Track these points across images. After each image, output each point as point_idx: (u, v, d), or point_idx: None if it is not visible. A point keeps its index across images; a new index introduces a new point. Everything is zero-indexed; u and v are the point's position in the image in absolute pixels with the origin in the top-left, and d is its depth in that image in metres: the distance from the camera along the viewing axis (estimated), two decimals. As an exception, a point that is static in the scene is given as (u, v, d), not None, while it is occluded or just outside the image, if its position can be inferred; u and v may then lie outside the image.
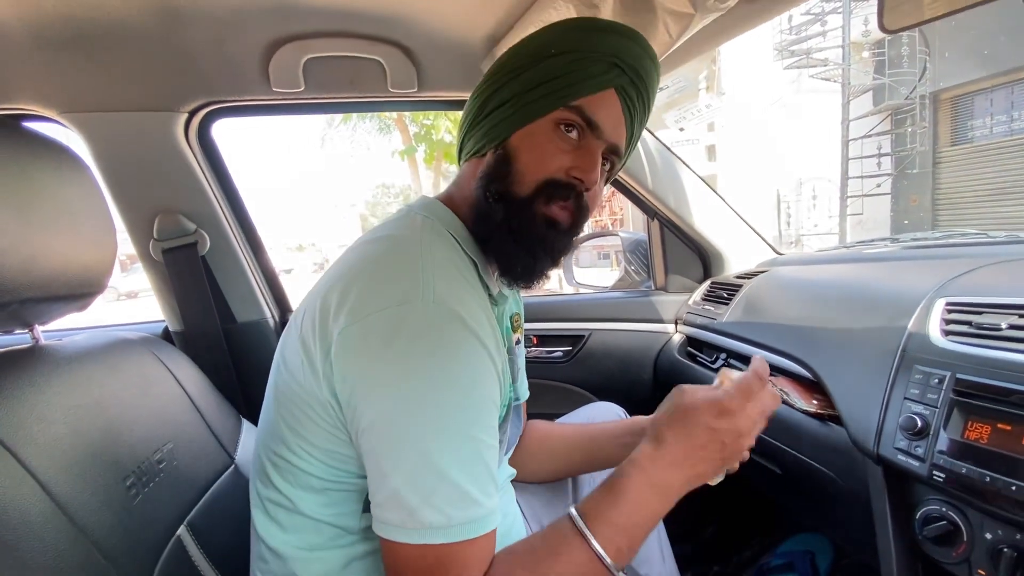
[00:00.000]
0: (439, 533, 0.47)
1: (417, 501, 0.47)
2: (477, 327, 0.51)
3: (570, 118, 0.57)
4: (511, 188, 0.58)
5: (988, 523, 0.55)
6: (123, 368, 0.72)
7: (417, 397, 0.48)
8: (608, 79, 0.57)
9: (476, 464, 0.49)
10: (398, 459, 0.48)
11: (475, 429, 0.49)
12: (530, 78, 0.58)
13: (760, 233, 1.39)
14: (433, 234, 0.58)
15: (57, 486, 0.51)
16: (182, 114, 1.05)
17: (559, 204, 0.58)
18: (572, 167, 0.57)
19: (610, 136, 0.59)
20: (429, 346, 0.49)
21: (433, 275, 0.52)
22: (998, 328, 0.61)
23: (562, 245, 0.61)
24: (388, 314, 0.49)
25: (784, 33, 8.52)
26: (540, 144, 0.58)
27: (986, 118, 7.05)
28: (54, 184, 0.60)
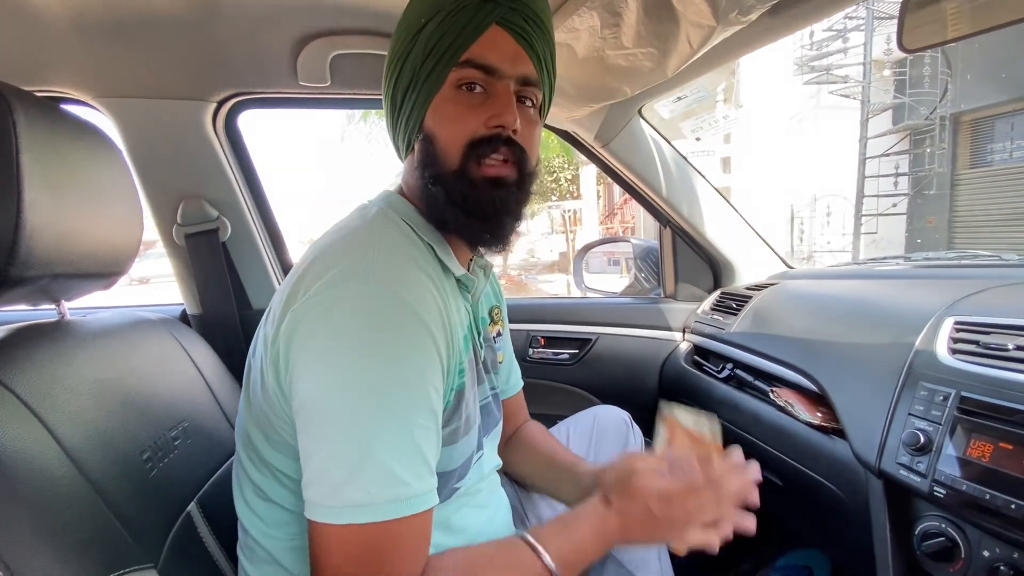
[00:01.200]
0: (361, 511, 0.46)
1: (341, 478, 0.46)
2: (418, 307, 0.51)
3: (466, 74, 0.56)
4: (441, 166, 0.57)
5: (986, 541, 0.56)
6: (144, 346, 0.74)
7: (345, 372, 0.47)
8: (483, 17, 0.55)
9: (404, 444, 0.48)
10: (324, 434, 0.47)
11: (406, 409, 0.48)
12: (417, 55, 0.56)
13: (771, 245, 1.40)
14: (385, 222, 0.59)
15: (80, 454, 0.53)
16: (211, 103, 1.08)
17: (492, 159, 0.57)
18: (489, 117, 0.56)
19: (512, 71, 0.57)
20: (362, 323, 0.49)
21: (375, 258, 0.53)
22: (1005, 349, 0.61)
23: (516, 199, 0.60)
24: (326, 295, 0.50)
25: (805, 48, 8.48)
26: (449, 112, 0.57)
27: (1006, 142, 6.96)
28: (88, 166, 0.62)
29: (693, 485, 0.59)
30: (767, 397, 0.95)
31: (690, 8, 0.70)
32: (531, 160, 0.60)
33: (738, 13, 0.68)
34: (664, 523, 0.58)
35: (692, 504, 0.58)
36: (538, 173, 0.64)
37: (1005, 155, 6.98)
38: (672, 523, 0.58)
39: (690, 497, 0.59)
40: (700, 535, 0.59)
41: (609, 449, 0.95)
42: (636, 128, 1.23)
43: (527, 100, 0.60)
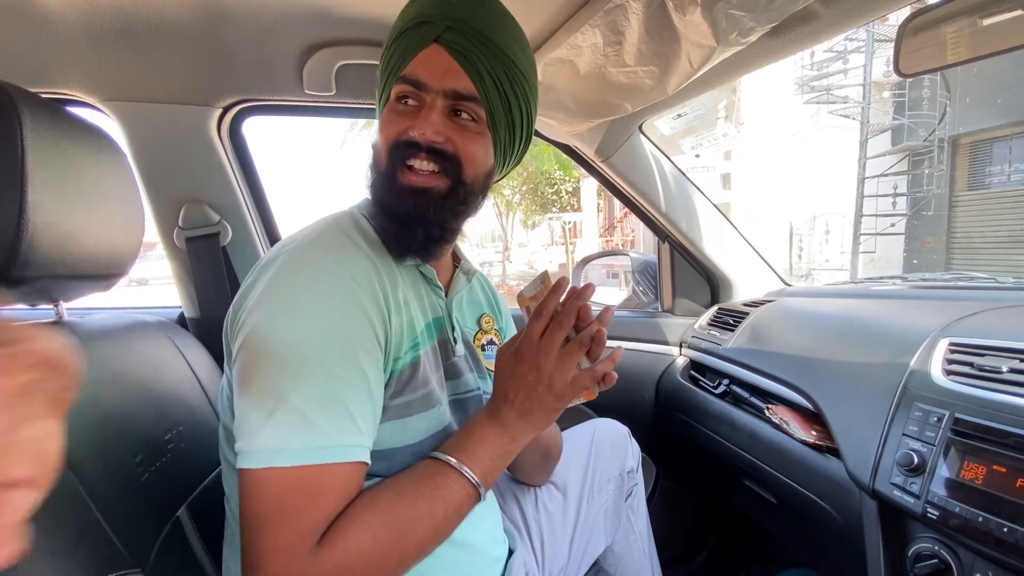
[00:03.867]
0: (276, 455, 0.47)
1: (258, 423, 0.48)
2: (348, 272, 0.55)
3: (400, 89, 0.60)
4: (377, 168, 0.63)
5: (979, 563, 0.56)
6: (140, 349, 0.74)
7: (271, 322, 0.51)
8: (419, 37, 0.59)
9: (324, 394, 0.50)
10: (248, 381, 0.50)
11: (328, 360, 0.51)
12: (380, 75, 0.64)
13: (769, 262, 1.40)
14: (342, 216, 0.64)
15: (72, 455, 0.52)
16: (217, 109, 1.09)
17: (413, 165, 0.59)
18: (411, 127, 0.59)
19: (439, 84, 0.59)
20: (292, 280, 0.54)
21: (319, 237, 0.59)
22: (999, 371, 0.61)
23: (440, 208, 0.60)
24: (262, 264, 0.57)
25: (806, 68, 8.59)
26: (386, 121, 0.62)
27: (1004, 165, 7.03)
28: (92, 168, 0.62)
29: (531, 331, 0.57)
30: (763, 414, 0.95)
31: (691, 29, 0.72)
32: (469, 170, 0.61)
33: (738, 35, 0.69)
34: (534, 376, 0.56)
35: (544, 344, 0.56)
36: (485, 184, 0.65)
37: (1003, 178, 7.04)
38: (541, 372, 0.56)
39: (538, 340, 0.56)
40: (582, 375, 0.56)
41: (607, 461, 0.94)
42: (636, 144, 1.25)
43: (463, 113, 0.61)
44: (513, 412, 0.58)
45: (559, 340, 0.56)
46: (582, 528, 0.90)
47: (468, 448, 0.57)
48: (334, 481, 0.50)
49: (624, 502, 0.97)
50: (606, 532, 0.93)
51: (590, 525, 0.91)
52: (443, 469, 0.56)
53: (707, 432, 1.11)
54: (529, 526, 0.86)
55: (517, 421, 0.58)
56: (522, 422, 0.58)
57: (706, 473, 1.30)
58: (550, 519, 0.88)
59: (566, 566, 0.87)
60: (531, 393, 0.56)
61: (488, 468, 0.57)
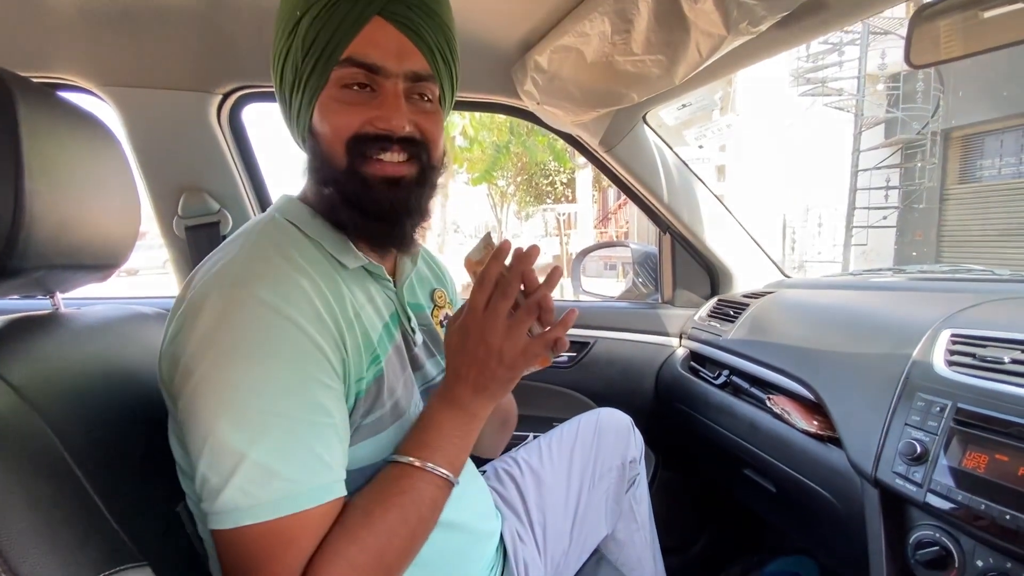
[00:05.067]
0: (245, 514, 0.45)
1: (218, 484, 0.45)
2: (283, 304, 0.49)
3: (348, 74, 0.53)
4: (329, 167, 0.55)
5: (980, 550, 0.57)
6: (139, 341, 0.73)
7: (208, 380, 0.47)
8: (362, 9, 0.51)
9: (287, 443, 0.47)
10: (199, 444, 0.46)
11: (285, 408, 0.47)
12: (295, 52, 0.53)
13: (769, 255, 1.41)
14: (265, 226, 0.58)
15: (78, 449, 0.52)
16: (216, 96, 1.07)
17: (386, 156, 0.55)
18: (373, 117, 0.54)
19: (399, 67, 0.53)
20: (225, 328, 0.48)
21: (239, 261, 0.52)
22: (1001, 362, 0.62)
23: (416, 196, 0.58)
24: (185, 309, 0.50)
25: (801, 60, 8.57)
26: (333, 112, 0.54)
27: (995, 159, 7.09)
28: (87, 155, 0.61)
29: (474, 302, 0.54)
30: (763, 404, 0.96)
31: (701, 17, 0.71)
32: (434, 153, 0.59)
33: (748, 24, 0.68)
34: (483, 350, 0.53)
35: (488, 316, 0.53)
36: (446, 164, 0.61)
37: (994, 171, 7.11)
38: (490, 345, 0.53)
39: (483, 312, 0.53)
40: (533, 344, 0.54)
41: (610, 450, 0.95)
42: (640, 134, 1.24)
43: (422, 95, 0.57)
44: (467, 390, 0.55)
45: (504, 309, 0.53)
46: (583, 514, 0.90)
47: (428, 441, 0.55)
48: (309, 523, 0.48)
49: (626, 491, 0.98)
50: (607, 519, 0.94)
51: (591, 512, 0.91)
52: (407, 472, 0.53)
53: (707, 422, 1.12)
54: (530, 512, 0.86)
55: (472, 398, 0.55)
56: (478, 398, 0.55)
57: (706, 463, 1.32)
58: (552, 505, 0.88)
59: (567, 551, 0.88)
60: (483, 368, 0.54)
61: (452, 455, 0.55)
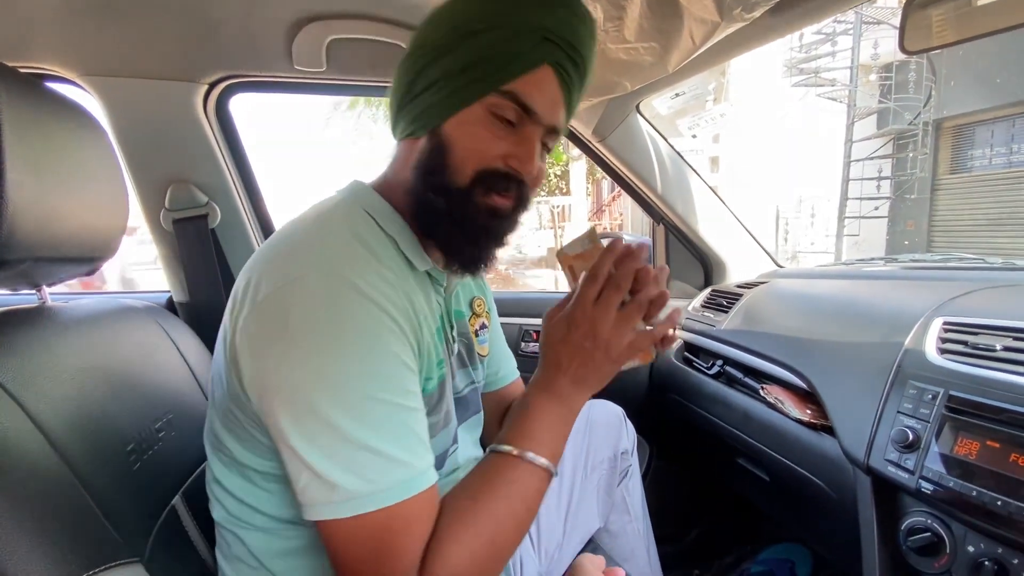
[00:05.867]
0: (368, 501, 0.46)
1: (338, 474, 0.46)
2: (376, 294, 0.50)
3: (505, 104, 0.53)
4: (449, 179, 0.55)
5: (971, 536, 0.58)
6: (128, 335, 0.72)
7: (315, 370, 0.47)
8: (541, 56, 0.53)
9: (393, 426, 0.48)
10: (310, 436, 0.46)
11: (384, 393, 0.48)
12: (457, 59, 0.53)
13: (763, 245, 1.41)
14: (346, 213, 0.57)
15: (64, 444, 0.51)
16: (202, 85, 1.05)
17: (499, 193, 0.56)
18: (509, 155, 0.55)
19: (548, 119, 0.56)
20: (322, 317, 0.48)
21: (330, 249, 0.51)
22: (992, 349, 0.63)
23: (506, 229, 0.60)
24: (280, 293, 0.49)
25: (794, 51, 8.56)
26: (475, 132, 0.54)
27: (986, 149, 7.13)
28: (72, 146, 0.60)
29: (584, 295, 0.55)
30: (757, 394, 0.96)
31: (694, 4, 0.70)
32: (534, 193, 0.60)
33: (742, 10, 0.68)
34: (597, 342, 0.55)
35: (599, 309, 0.54)
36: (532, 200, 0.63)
37: (984, 161, 7.15)
38: (597, 337, 0.54)
39: (592, 305, 0.55)
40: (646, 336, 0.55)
41: (602, 442, 0.95)
42: (633, 124, 1.23)
43: (546, 145, 0.59)
44: (567, 380, 0.56)
45: (616, 303, 0.54)
46: (576, 507, 0.90)
47: (530, 432, 0.56)
48: (424, 505, 0.49)
49: (618, 483, 0.98)
50: (599, 511, 0.94)
51: (583, 505, 0.91)
52: (512, 462, 0.54)
53: (701, 412, 1.12)
54: (534, 536, 0.86)
55: (571, 390, 0.57)
56: (577, 390, 0.57)
57: (700, 453, 1.32)
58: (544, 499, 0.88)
59: (561, 544, 0.88)
60: (587, 360, 0.55)
61: (553, 447, 0.56)
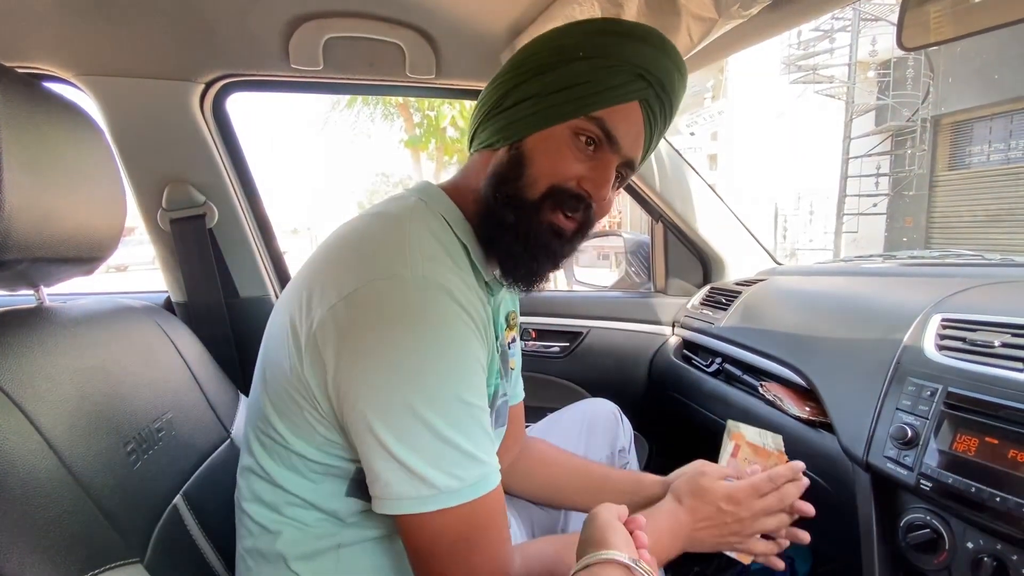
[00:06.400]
0: (454, 496, 0.48)
1: (426, 469, 0.48)
2: (463, 299, 0.52)
3: (590, 128, 0.56)
4: (521, 192, 0.57)
5: (970, 532, 0.57)
6: (126, 335, 0.72)
7: (410, 368, 0.48)
8: (633, 91, 0.56)
9: (473, 426, 0.50)
10: (400, 431, 0.48)
11: (468, 394, 0.50)
12: (554, 80, 0.56)
13: (761, 242, 1.41)
14: (423, 213, 0.59)
15: (63, 445, 0.51)
16: (199, 85, 1.05)
17: (566, 214, 0.58)
18: (584, 178, 0.57)
19: (628, 151, 0.58)
20: (416, 317, 0.49)
21: (419, 250, 0.53)
22: (991, 345, 0.62)
23: (566, 251, 0.61)
24: (373, 288, 0.50)
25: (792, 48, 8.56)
26: (556, 150, 0.56)
27: (984, 145, 7.14)
28: (69, 146, 0.59)
29: (758, 487, 0.65)
30: (756, 391, 0.96)
31: (692, 1, 0.70)
32: (592, 226, 0.62)
33: (740, 7, 0.67)
34: (732, 523, 0.63)
35: (758, 505, 0.64)
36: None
37: (983, 157, 7.16)
38: (740, 523, 0.64)
39: (755, 498, 0.64)
40: (763, 545, 0.65)
41: (599, 441, 0.95)
42: (631, 121, 1.23)
43: (618, 175, 0.60)
44: (692, 530, 0.63)
45: (773, 510, 0.65)
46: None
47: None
48: (498, 500, 0.53)
49: None
50: None
51: None
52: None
53: (700, 410, 1.12)
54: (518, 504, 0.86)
55: (690, 537, 0.63)
56: (694, 539, 0.63)
57: (698, 450, 1.32)
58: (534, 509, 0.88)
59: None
60: (720, 530, 0.63)
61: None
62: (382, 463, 0.49)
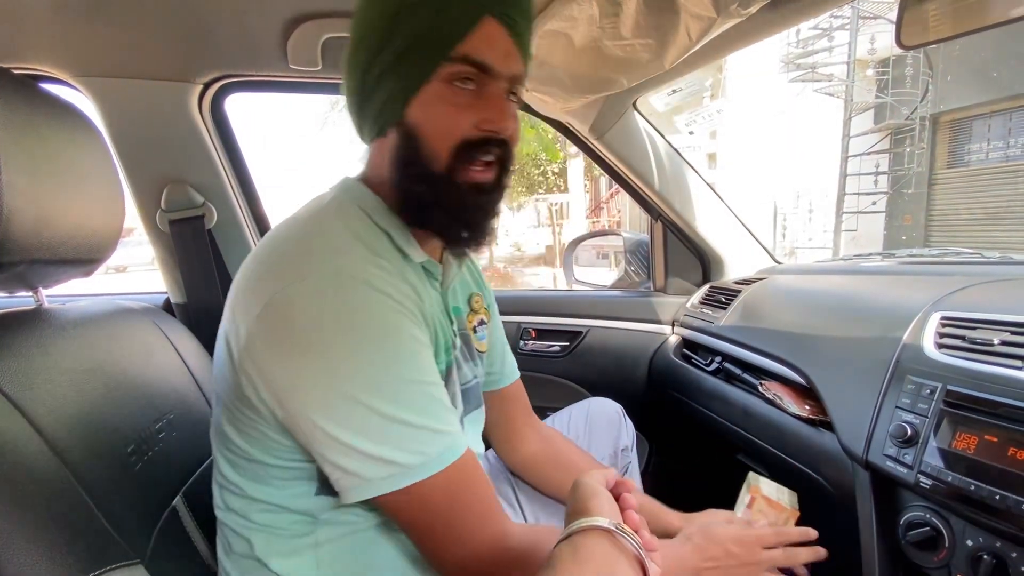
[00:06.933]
0: (423, 469, 0.49)
1: (386, 451, 0.48)
2: (384, 286, 0.52)
3: (457, 70, 0.52)
4: (428, 167, 0.55)
5: (970, 530, 0.58)
6: (126, 336, 0.72)
7: (342, 363, 0.48)
8: (478, 10, 0.52)
9: (425, 401, 0.51)
10: (349, 422, 0.48)
11: (411, 373, 0.51)
12: (399, 40, 0.52)
13: (760, 241, 1.41)
14: (338, 211, 0.58)
15: (63, 447, 0.51)
16: (197, 85, 1.05)
17: (482, 163, 0.56)
18: (480, 120, 0.54)
19: (507, 70, 0.54)
20: (337, 313, 0.49)
21: (329, 246, 0.53)
22: (990, 343, 0.63)
23: (495, 198, 0.60)
24: (287, 294, 0.49)
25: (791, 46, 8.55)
26: (440, 110, 0.54)
27: (983, 143, 7.13)
28: (66, 147, 0.59)
29: (763, 539, 0.68)
30: (756, 390, 0.96)
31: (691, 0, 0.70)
32: (514, 155, 0.60)
33: (738, 6, 0.67)
34: (737, 566, 0.65)
35: (764, 555, 0.67)
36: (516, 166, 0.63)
37: (981, 155, 7.15)
38: (746, 569, 0.66)
39: (761, 547, 0.67)
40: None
41: (601, 440, 0.95)
42: (631, 121, 1.23)
43: (512, 96, 0.58)
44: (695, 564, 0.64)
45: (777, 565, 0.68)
46: None
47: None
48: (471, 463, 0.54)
49: None
50: None
51: None
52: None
53: (700, 409, 1.12)
54: (522, 505, 0.86)
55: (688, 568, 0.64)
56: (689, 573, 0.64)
57: (699, 449, 1.33)
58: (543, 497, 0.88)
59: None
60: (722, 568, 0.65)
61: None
62: (341, 456, 0.49)
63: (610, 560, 0.40)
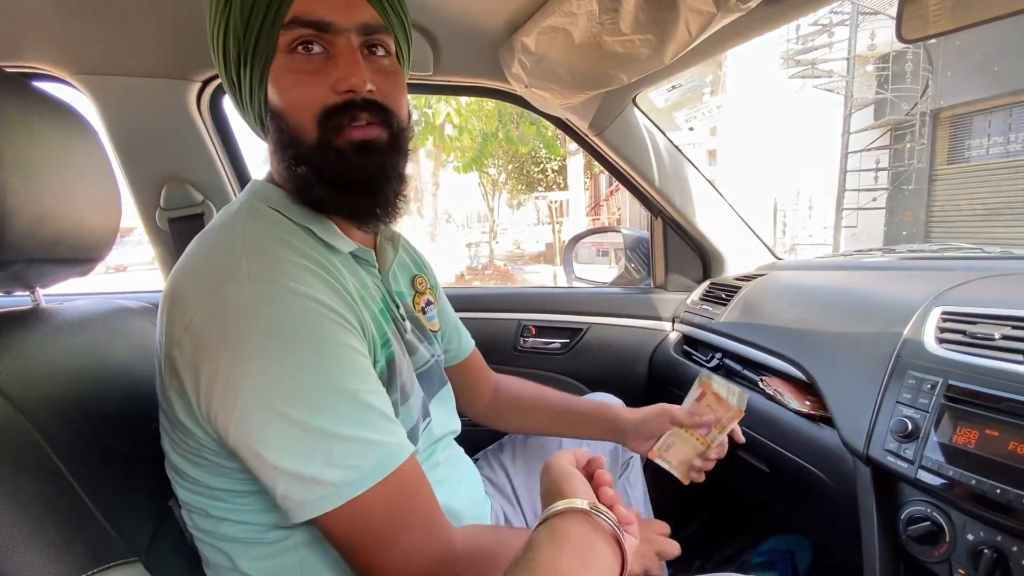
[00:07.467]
0: (356, 485, 0.46)
1: (315, 469, 0.45)
2: (303, 287, 0.49)
3: (296, 35, 0.50)
4: (299, 145, 0.52)
5: (971, 524, 0.58)
6: (123, 335, 0.72)
7: (267, 375, 0.45)
8: None
9: (359, 411, 0.48)
10: (280, 442, 0.45)
11: (340, 380, 0.48)
12: (236, 23, 0.50)
13: (760, 237, 1.41)
14: (248, 215, 0.55)
15: (61, 446, 0.51)
16: (195, 83, 1.05)
17: (353, 124, 0.52)
18: (336, 81, 0.51)
19: (348, 21, 0.51)
20: (257, 324, 0.46)
21: (244, 254, 0.50)
22: (991, 338, 0.63)
23: (391, 160, 0.56)
24: (205, 309, 0.47)
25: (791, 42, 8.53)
26: (290, 83, 0.51)
27: (983, 138, 7.12)
28: (62, 146, 0.59)
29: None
30: (756, 386, 0.96)
31: (690, -6, 0.70)
32: (400, 117, 0.55)
33: (738, 1, 0.67)
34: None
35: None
36: (412, 129, 0.59)
37: (982, 151, 7.14)
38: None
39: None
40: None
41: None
42: (630, 117, 1.23)
43: (377, 48, 0.54)
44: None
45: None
46: None
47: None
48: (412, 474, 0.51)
49: (619, 476, 0.98)
50: None
51: None
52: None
53: (701, 405, 1.12)
54: (520, 499, 0.87)
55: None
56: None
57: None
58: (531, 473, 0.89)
59: None
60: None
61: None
62: (272, 478, 0.46)
63: (587, 539, 0.41)
